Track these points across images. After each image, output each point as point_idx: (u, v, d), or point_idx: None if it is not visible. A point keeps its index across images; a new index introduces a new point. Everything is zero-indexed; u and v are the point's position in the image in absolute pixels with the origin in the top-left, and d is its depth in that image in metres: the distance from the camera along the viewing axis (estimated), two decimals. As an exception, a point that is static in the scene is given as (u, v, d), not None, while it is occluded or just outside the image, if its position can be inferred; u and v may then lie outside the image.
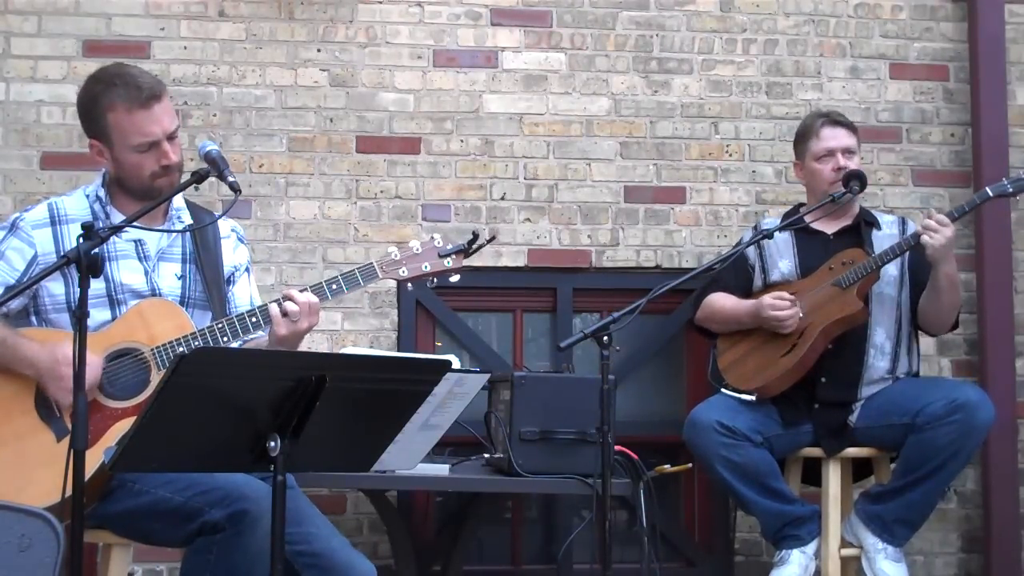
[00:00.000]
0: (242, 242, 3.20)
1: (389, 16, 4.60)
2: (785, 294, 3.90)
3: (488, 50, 4.64)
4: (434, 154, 4.57)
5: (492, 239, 3.18)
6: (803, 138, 4.11)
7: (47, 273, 2.63)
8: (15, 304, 2.86)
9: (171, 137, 2.92)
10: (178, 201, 3.07)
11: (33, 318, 2.92)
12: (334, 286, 2.90)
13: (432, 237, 2.97)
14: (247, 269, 3.17)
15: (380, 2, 4.60)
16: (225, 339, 2.83)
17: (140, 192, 2.95)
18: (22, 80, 4.43)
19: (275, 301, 2.86)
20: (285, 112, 4.53)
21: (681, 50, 4.71)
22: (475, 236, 2.95)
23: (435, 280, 2.97)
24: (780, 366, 3.89)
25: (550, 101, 4.65)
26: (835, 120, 4.08)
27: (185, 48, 4.49)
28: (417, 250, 2.95)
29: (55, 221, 2.94)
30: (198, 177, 2.85)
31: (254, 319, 2.85)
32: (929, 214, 3.85)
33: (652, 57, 4.70)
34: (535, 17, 4.67)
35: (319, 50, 4.56)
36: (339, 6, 4.57)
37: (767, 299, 3.90)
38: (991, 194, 3.87)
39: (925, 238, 3.75)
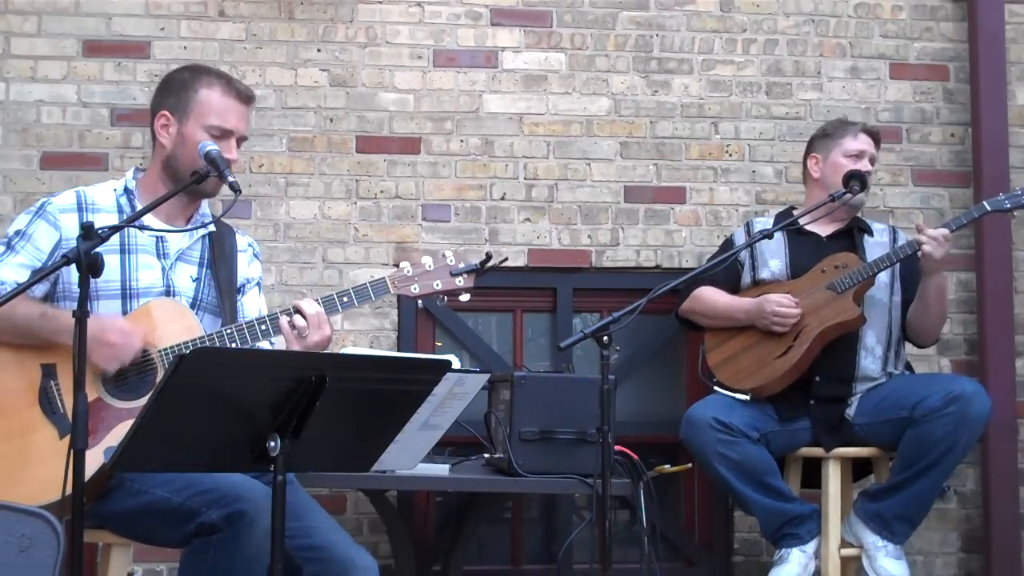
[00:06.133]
0: (257, 258, 3.24)
1: (389, 16, 4.60)
2: (790, 296, 3.90)
3: (488, 50, 4.64)
4: (434, 154, 4.57)
5: (504, 260, 3.19)
6: (835, 134, 4.13)
7: (47, 273, 2.66)
8: (38, 290, 2.88)
9: (240, 140, 3.03)
10: (204, 207, 3.11)
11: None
12: (345, 299, 2.92)
13: (444, 254, 2.97)
14: (258, 283, 3.21)
15: (380, 2, 4.60)
16: (233, 345, 2.84)
17: (182, 179, 2.94)
18: (22, 80, 4.43)
19: (284, 311, 2.87)
20: (285, 112, 4.53)
21: (681, 50, 4.71)
22: (488, 257, 2.96)
23: (445, 298, 2.97)
24: (776, 368, 3.89)
25: (550, 101, 4.64)
26: (870, 130, 4.15)
27: (185, 48, 4.49)
28: (429, 267, 2.95)
29: (82, 208, 2.96)
30: (198, 177, 2.89)
31: (263, 326, 2.88)
32: (920, 228, 3.86)
33: (652, 57, 4.70)
34: (535, 17, 4.67)
35: (319, 50, 4.56)
36: (339, 6, 4.57)
37: (773, 296, 3.91)
38: (988, 209, 3.91)
39: (927, 248, 3.79)
